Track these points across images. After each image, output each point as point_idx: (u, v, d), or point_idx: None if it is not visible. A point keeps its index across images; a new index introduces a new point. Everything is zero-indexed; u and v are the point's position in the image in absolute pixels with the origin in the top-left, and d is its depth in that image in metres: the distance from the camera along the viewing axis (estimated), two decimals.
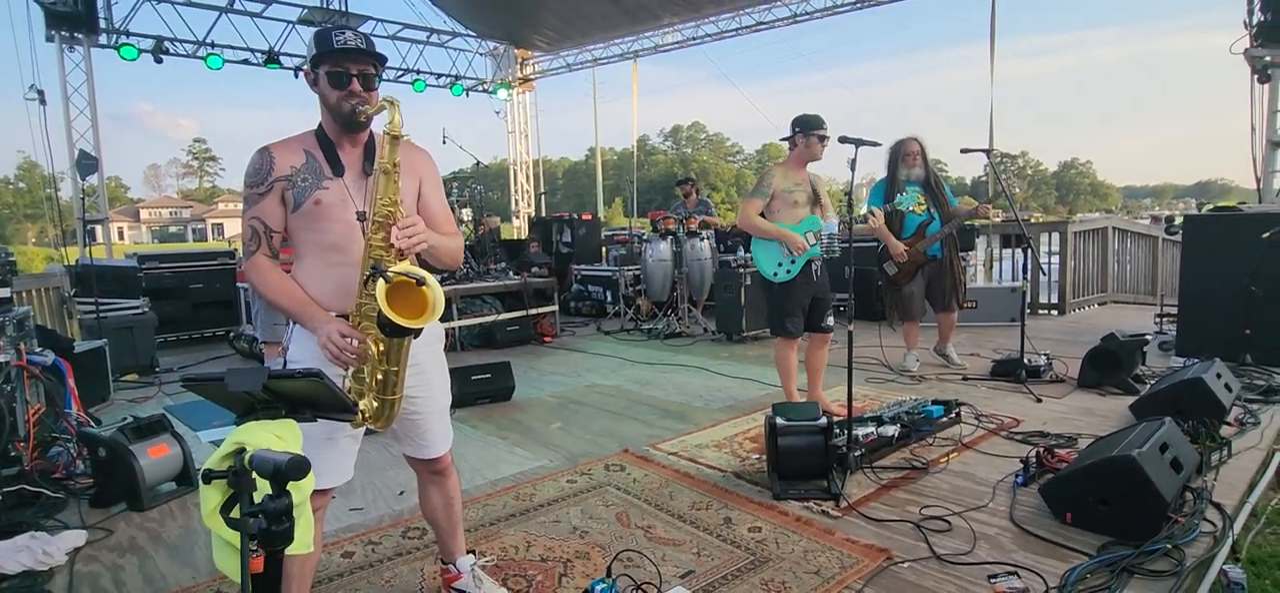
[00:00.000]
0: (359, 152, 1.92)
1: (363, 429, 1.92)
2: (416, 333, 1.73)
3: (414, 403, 2.00)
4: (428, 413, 2.07)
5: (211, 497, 1.12)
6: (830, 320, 4.15)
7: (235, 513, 1.04)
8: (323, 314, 1.81)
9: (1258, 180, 6.35)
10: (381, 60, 1.87)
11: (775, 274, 3.94)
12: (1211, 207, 5.77)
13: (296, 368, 1.57)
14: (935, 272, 5.16)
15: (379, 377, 1.78)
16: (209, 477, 1.12)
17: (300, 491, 1.13)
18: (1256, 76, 6.13)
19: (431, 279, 1.72)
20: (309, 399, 1.35)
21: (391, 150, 1.76)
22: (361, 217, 1.87)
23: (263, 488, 1.08)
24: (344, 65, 1.81)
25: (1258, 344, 4.67)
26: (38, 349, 3.89)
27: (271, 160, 1.84)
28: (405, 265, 1.75)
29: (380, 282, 1.63)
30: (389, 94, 1.81)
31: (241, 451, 1.12)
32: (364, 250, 1.78)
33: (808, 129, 3.87)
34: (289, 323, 1.91)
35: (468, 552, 2.35)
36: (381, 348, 1.76)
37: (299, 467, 1.02)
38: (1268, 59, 6.03)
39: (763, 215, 3.96)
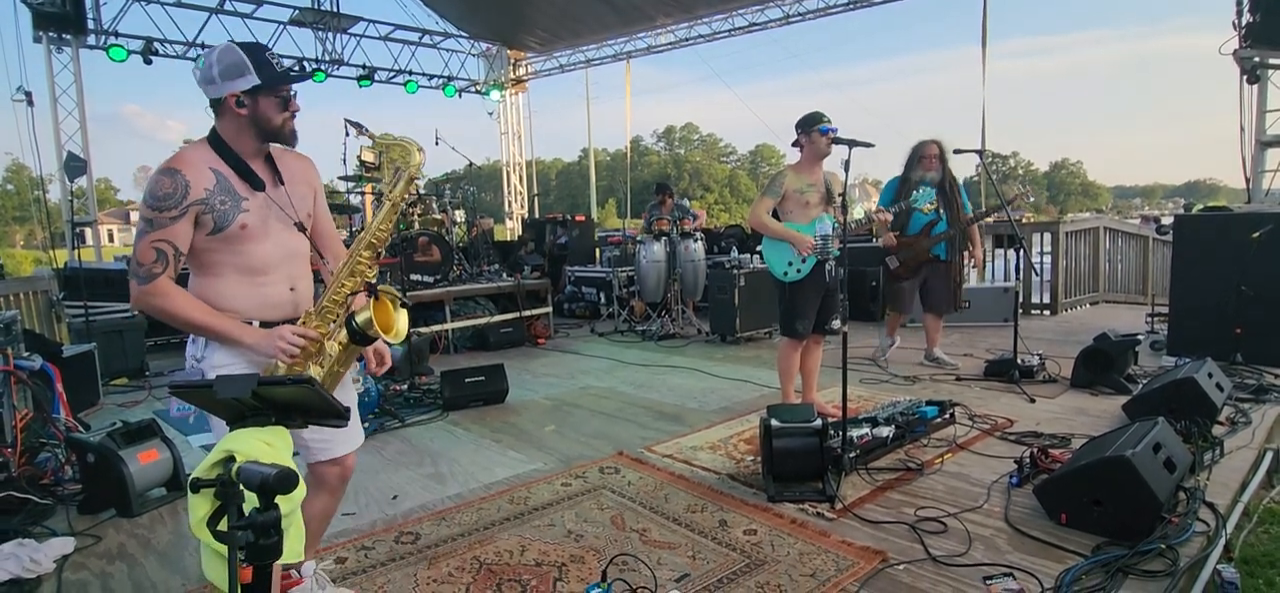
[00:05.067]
0: (262, 162, 1.95)
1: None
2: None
3: None
4: None
5: (200, 506, 1.10)
6: (836, 324, 4.13)
7: (222, 525, 1.02)
8: (252, 328, 1.87)
9: (1247, 180, 6.38)
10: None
11: (786, 274, 3.92)
12: (1202, 207, 5.80)
13: (288, 375, 1.57)
14: (935, 272, 5.24)
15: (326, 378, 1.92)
16: (197, 486, 1.10)
17: (290, 501, 1.11)
18: (1245, 77, 6.15)
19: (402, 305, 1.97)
20: (299, 405, 1.33)
21: (404, 188, 1.94)
22: (301, 227, 1.96)
23: (251, 500, 1.06)
24: (287, 89, 1.89)
25: (1248, 343, 4.69)
26: (25, 354, 3.85)
27: (187, 184, 1.80)
28: (387, 287, 1.97)
29: (372, 299, 1.87)
30: (415, 139, 1.98)
31: (230, 459, 1.10)
32: (346, 261, 1.91)
33: (808, 126, 3.86)
34: (202, 342, 1.91)
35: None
36: (341, 348, 1.91)
37: (286, 480, 1.00)
38: (1256, 60, 6.06)
39: (776, 215, 3.95)
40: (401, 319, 1.95)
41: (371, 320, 1.86)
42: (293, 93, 1.91)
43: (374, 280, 1.93)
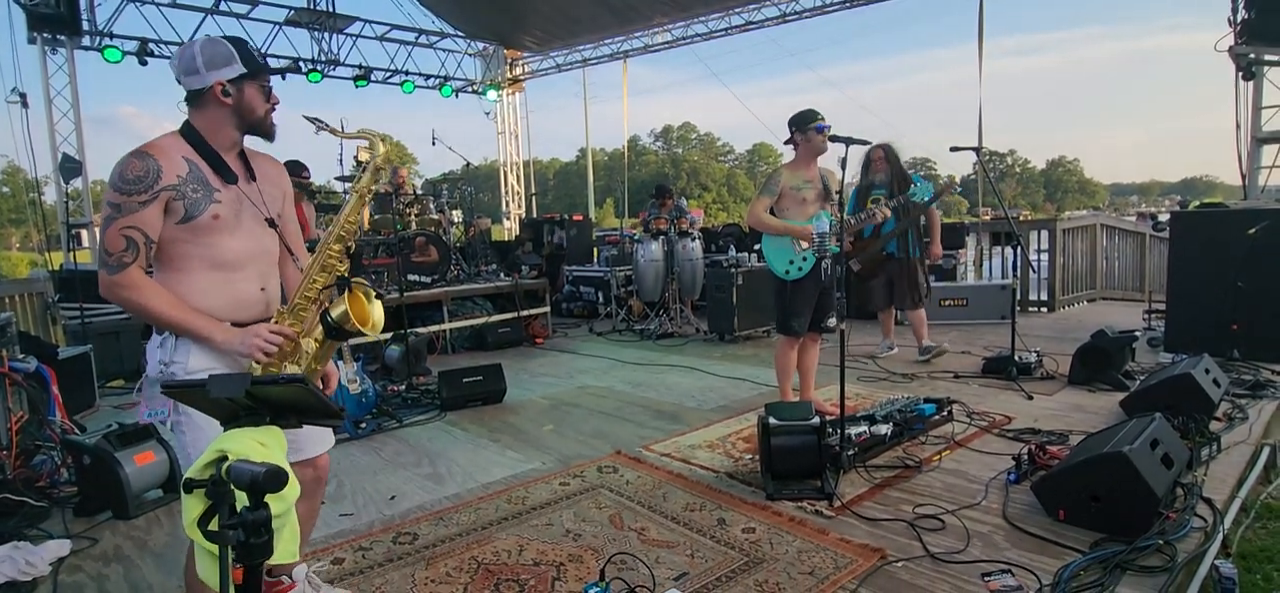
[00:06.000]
0: (236, 157, 1.93)
1: None
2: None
3: None
4: None
5: (192, 507, 1.09)
6: (832, 321, 4.14)
7: (213, 525, 1.01)
8: (226, 326, 1.82)
9: (1243, 176, 6.40)
10: None
11: (787, 272, 3.92)
12: (1198, 203, 5.82)
13: (281, 374, 1.56)
14: (897, 270, 5.50)
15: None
16: (190, 486, 1.09)
17: (283, 501, 1.10)
18: (1241, 74, 6.17)
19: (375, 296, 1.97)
20: (294, 405, 1.32)
21: (370, 179, 1.96)
22: (272, 223, 1.94)
23: (242, 499, 1.05)
24: (268, 80, 1.92)
25: (1245, 339, 4.69)
26: (20, 356, 3.83)
27: (159, 168, 1.74)
28: (361, 280, 1.96)
29: (345, 292, 1.86)
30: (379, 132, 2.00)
31: (223, 458, 1.09)
32: (317, 257, 1.89)
33: (803, 124, 3.87)
34: (171, 344, 1.82)
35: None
36: (318, 345, 1.92)
37: (276, 478, 0.99)
38: (1252, 56, 6.08)
39: (772, 213, 3.95)
40: (377, 310, 1.93)
41: (347, 314, 1.85)
42: (270, 84, 1.92)
43: (345, 274, 1.90)
